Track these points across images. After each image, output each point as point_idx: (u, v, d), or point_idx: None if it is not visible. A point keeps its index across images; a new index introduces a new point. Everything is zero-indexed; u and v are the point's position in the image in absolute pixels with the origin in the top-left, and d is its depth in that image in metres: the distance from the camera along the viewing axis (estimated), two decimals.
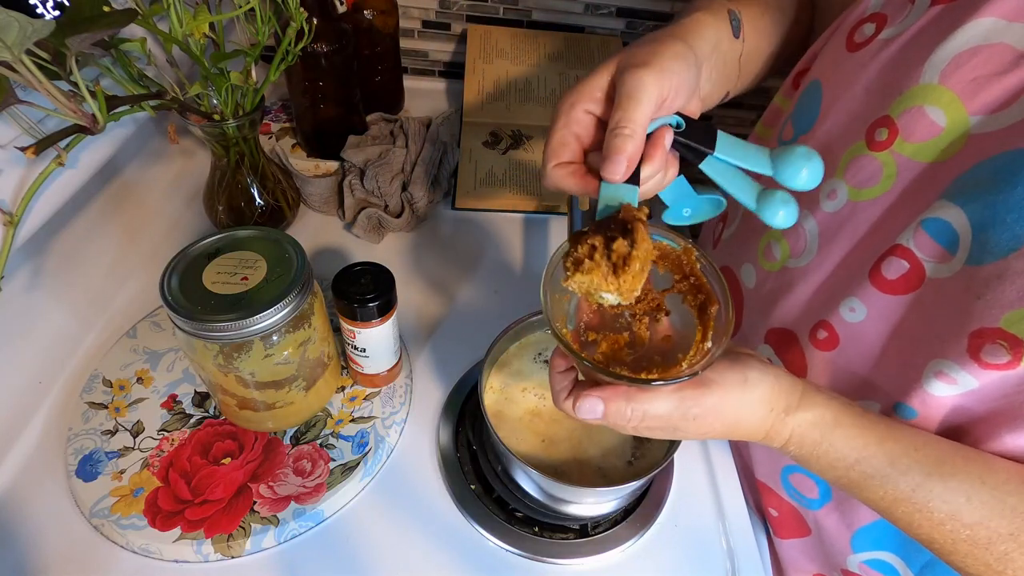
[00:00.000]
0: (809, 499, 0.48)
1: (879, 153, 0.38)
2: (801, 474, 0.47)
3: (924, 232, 0.35)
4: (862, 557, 0.46)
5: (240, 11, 0.50)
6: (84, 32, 0.37)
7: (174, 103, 0.50)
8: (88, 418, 0.48)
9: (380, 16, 0.76)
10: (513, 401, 0.47)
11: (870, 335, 0.39)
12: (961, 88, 0.34)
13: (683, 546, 0.46)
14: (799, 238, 0.44)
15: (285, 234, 0.44)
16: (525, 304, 0.62)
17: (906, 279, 0.36)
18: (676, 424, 0.33)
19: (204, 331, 0.38)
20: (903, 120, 0.36)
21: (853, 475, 0.34)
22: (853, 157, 0.40)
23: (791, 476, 0.49)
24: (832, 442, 0.34)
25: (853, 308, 0.40)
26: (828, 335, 0.42)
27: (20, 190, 0.45)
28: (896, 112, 0.37)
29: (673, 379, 0.31)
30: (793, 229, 0.45)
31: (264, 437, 0.48)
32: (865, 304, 0.39)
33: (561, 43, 0.91)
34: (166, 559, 0.42)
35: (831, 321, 0.41)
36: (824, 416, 0.34)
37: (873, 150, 0.38)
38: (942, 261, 0.35)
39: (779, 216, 0.31)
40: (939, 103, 0.35)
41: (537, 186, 0.75)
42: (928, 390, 0.36)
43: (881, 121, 0.38)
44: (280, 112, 0.84)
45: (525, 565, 0.44)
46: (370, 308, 0.44)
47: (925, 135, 0.36)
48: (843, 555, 0.47)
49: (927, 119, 0.35)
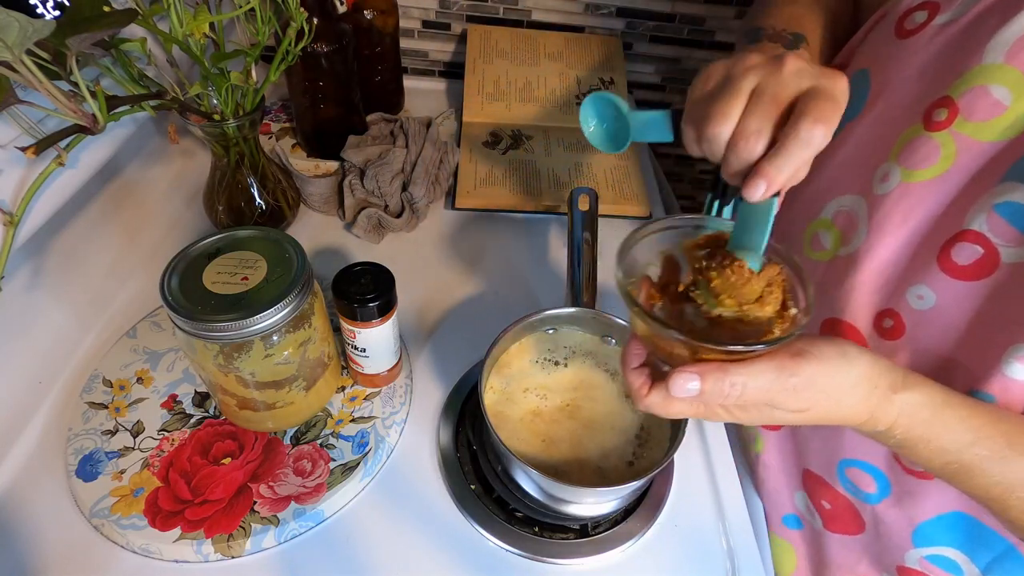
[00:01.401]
0: (867, 493, 0.46)
1: (937, 133, 0.38)
2: (858, 468, 0.46)
3: (997, 215, 0.34)
4: (924, 552, 0.45)
5: (240, 11, 0.50)
6: (84, 32, 0.37)
7: (174, 103, 0.50)
8: (88, 418, 0.48)
9: (380, 16, 0.76)
10: (514, 401, 0.47)
11: (941, 322, 0.38)
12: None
13: (683, 546, 0.46)
14: (851, 223, 0.43)
15: (285, 234, 0.44)
16: (525, 304, 0.63)
17: (979, 264, 0.36)
18: (775, 398, 0.31)
19: (204, 331, 0.38)
20: (964, 100, 0.36)
21: (967, 458, 0.33)
22: (908, 140, 0.39)
23: (848, 470, 0.47)
24: (945, 422, 0.33)
25: (921, 295, 0.39)
26: (894, 323, 0.41)
27: (20, 190, 0.45)
28: (957, 92, 0.37)
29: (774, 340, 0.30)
30: (844, 214, 0.44)
31: (264, 437, 0.48)
32: (934, 291, 0.38)
33: (561, 43, 0.91)
34: (166, 559, 0.42)
35: (897, 309, 0.40)
36: (933, 395, 0.33)
37: (930, 130, 0.38)
38: (1019, 245, 0.34)
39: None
40: (1004, 82, 0.34)
41: (537, 186, 0.75)
42: (1008, 375, 0.35)
43: (940, 102, 0.37)
44: (280, 112, 0.84)
45: (525, 565, 0.44)
46: (370, 308, 0.44)
47: (988, 114, 0.35)
48: (902, 550, 0.46)
49: (991, 98, 0.35)
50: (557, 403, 0.47)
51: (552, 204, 0.74)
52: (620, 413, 0.47)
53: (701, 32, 0.94)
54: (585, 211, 0.58)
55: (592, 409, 0.47)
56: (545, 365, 0.49)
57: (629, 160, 0.81)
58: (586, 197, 0.58)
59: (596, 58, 0.91)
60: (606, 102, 0.40)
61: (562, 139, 0.83)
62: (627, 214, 0.74)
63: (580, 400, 0.47)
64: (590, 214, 0.57)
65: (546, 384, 0.48)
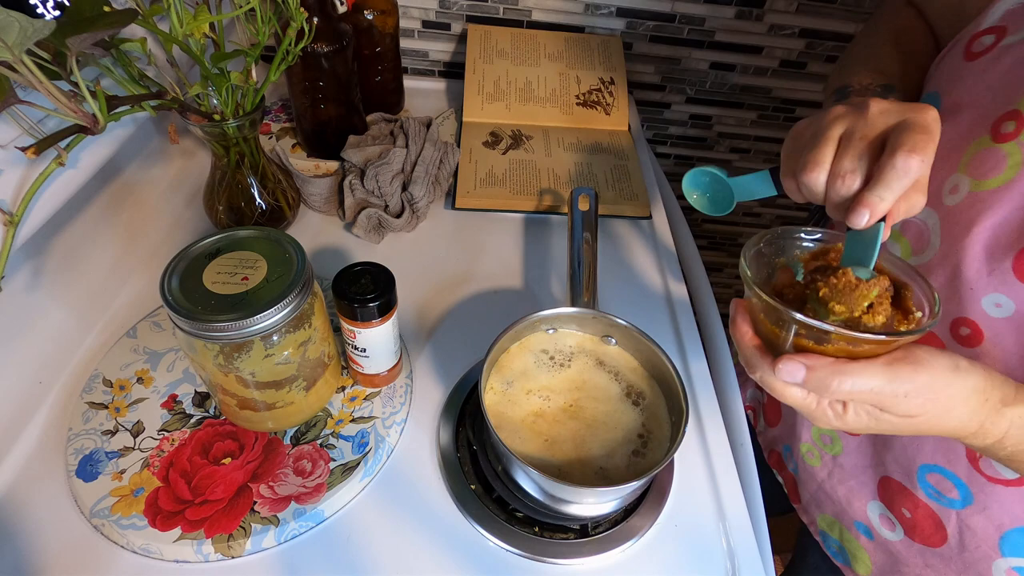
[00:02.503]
0: (950, 499, 0.46)
1: (1004, 144, 0.39)
2: (939, 474, 0.46)
3: None
4: (1013, 563, 0.44)
5: (240, 11, 0.50)
6: (84, 32, 0.37)
7: (174, 103, 0.50)
8: (88, 418, 0.48)
9: (380, 16, 0.76)
10: (515, 402, 0.47)
11: (1019, 331, 0.39)
12: None
13: (683, 546, 0.46)
14: (921, 234, 0.44)
15: (285, 234, 0.44)
16: (525, 304, 0.63)
17: None
18: (884, 402, 0.32)
19: (204, 331, 0.38)
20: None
21: None
22: (976, 152, 0.41)
23: (928, 475, 0.47)
24: None
25: (999, 304, 0.39)
26: (971, 332, 0.41)
27: (20, 190, 0.45)
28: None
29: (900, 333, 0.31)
30: (912, 225, 0.45)
31: (264, 437, 0.48)
32: (1012, 299, 0.39)
33: (561, 43, 0.91)
34: (166, 559, 0.42)
35: (973, 318, 0.41)
36: None
37: (998, 142, 0.39)
38: None
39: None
40: None
41: (537, 186, 0.75)
42: None
43: (1008, 115, 0.39)
44: (280, 112, 0.84)
45: (525, 565, 0.44)
46: (370, 308, 0.44)
47: None
48: (989, 560, 0.46)
49: None
50: (560, 404, 0.47)
51: (552, 204, 0.74)
52: (621, 413, 0.47)
53: (701, 32, 0.94)
54: (585, 211, 0.58)
55: (595, 409, 0.47)
56: (546, 365, 0.49)
57: (629, 160, 0.81)
58: (586, 197, 0.58)
59: (596, 58, 0.91)
60: (708, 175, 0.43)
61: (562, 139, 0.83)
62: (627, 214, 0.74)
63: (583, 400, 0.47)
64: (590, 214, 0.57)
65: (549, 385, 0.48)
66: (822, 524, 0.61)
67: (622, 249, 0.71)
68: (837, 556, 0.61)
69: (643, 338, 0.48)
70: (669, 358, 0.46)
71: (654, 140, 1.11)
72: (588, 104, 0.88)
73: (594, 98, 0.88)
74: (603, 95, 0.88)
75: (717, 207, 0.45)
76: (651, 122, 1.08)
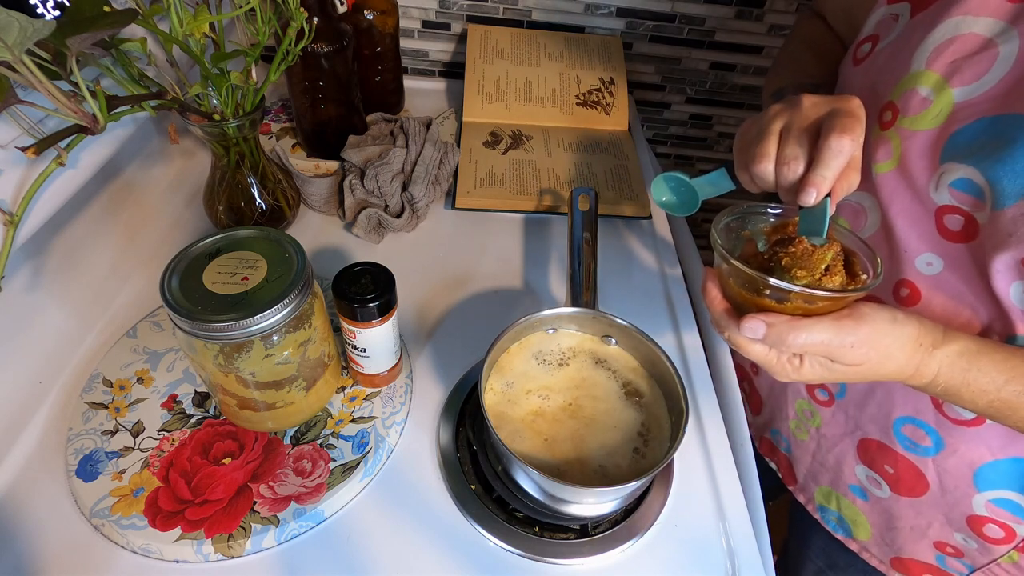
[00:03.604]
0: (924, 447, 0.51)
1: (886, 131, 0.46)
2: (912, 424, 0.51)
3: (955, 190, 0.41)
4: (988, 496, 0.49)
5: (240, 11, 0.50)
6: (84, 32, 0.37)
7: (174, 103, 0.50)
8: (88, 418, 0.48)
9: (380, 16, 0.76)
10: (515, 402, 0.47)
11: (950, 282, 0.44)
12: (943, 69, 0.42)
13: (683, 546, 0.46)
14: (858, 215, 0.50)
15: (285, 234, 0.44)
16: (525, 304, 0.63)
17: (966, 230, 0.42)
18: (833, 353, 0.36)
19: (204, 331, 0.38)
20: (901, 101, 0.45)
21: (1005, 395, 0.38)
22: (874, 139, 0.47)
23: (903, 427, 0.52)
24: (980, 367, 0.38)
25: (930, 262, 0.45)
26: (910, 291, 0.46)
27: (20, 190, 0.45)
28: (896, 96, 0.45)
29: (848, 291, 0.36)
30: (848, 207, 0.51)
31: (264, 437, 0.48)
32: (940, 256, 0.44)
33: (561, 43, 0.91)
34: (166, 559, 0.42)
35: (910, 279, 0.46)
36: (968, 346, 0.38)
37: (883, 129, 0.46)
38: (983, 209, 0.40)
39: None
40: (927, 83, 0.43)
41: (537, 186, 0.75)
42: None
43: (886, 106, 0.46)
44: (280, 112, 0.84)
45: (525, 565, 0.44)
46: (370, 308, 0.44)
47: (918, 108, 0.44)
48: (968, 497, 0.50)
49: (919, 96, 0.43)
50: (559, 403, 0.47)
51: (552, 204, 0.74)
52: (621, 413, 0.47)
53: (701, 32, 0.94)
54: (585, 211, 0.58)
55: (594, 408, 0.47)
56: (546, 365, 0.49)
57: (629, 160, 0.81)
58: (586, 197, 0.58)
59: (596, 58, 0.91)
60: (672, 179, 0.49)
61: (562, 139, 0.83)
62: (627, 214, 0.74)
63: (582, 399, 0.47)
64: (590, 214, 0.57)
65: (548, 384, 0.48)
66: (819, 498, 0.64)
67: (622, 249, 0.71)
68: (838, 529, 0.64)
69: (643, 338, 0.48)
70: (669, 358, 0.46)
71: (654, 140, 1.11)
72: (588, 104, 0.88)
73: (594, 98, 0.88)
74: (603, 95, 0.88)
75: (684, 208, 0.50)
76: (651, 122, 1.08)
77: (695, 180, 0.48)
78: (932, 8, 0.44)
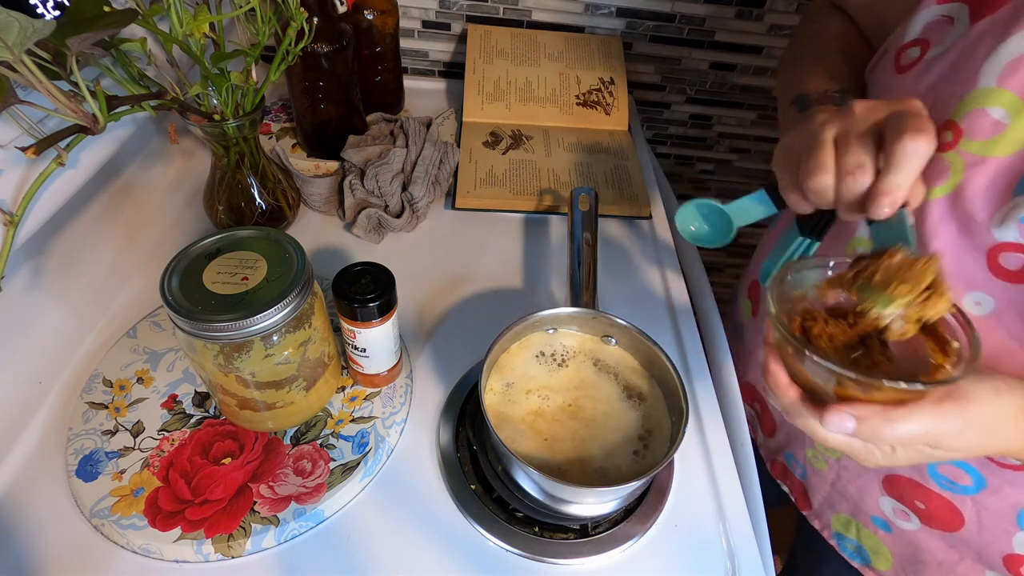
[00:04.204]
0: (963, 486, 0.47)
1: (945, 153, 0.40)
2: (951, 465, 0.47)
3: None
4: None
5: (240, 11, 0.50)
6: (84, 32, 0.37)
7: (174, 103, 0.50)
8: (88, 418, 0.48)
9: (380, 16, 0.76)
10: (515, 402, 0.47)
11: (1001, 325, 0.40)
12: (1020, 89, 0.36)
13: (683, 546, 0.46)
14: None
15: (285, 234, 0.44)
16: (525, 304, 0.63)
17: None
18: (937, 440, 0.32)
19: (204, 331, 0.38)
20: (966, 121, 0.39)
21: None
22: None
23: (940, 467, 0.48)
24: None
25: (979, 302, 0.40)
26: None
27: (20, 190, 0.45)
28: (959, 115, 0.39)
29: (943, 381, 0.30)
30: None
31: (264, 437, 0.48)
32: (992, 296, 0.40)
33: (561, 43, 0.91)
34: (166, 559, 0.42)
35: None
36: None
37: (940, 151, 0.40)
38: None
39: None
40: (1000, 103, 0.37)
41: (537, 186, 0.75)
42: None
43: (945, 125, 0.40)
44: (280, 112, 0.84)
45: (525, 565, 0.44)
46: (370, 308, 0.44)
47: (990, 132, 0.38)
48: (1009, 535, 0.47)
49: (990, 118, 0.37)
50: (559, 403, 0.47)
51: (552, 204, 0.74)
52: (622, 413, 0.47)
53: (701, 32, 0.94)
54: (585, 211, 0.58)
55: (594, 408, 0.47)
56: (546, 365, 0.49)
57: (629, 160, 0.81)
58: (586, 197, 0.58)
59: (596, 58, 0.91)
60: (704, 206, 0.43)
61: (562, 139, 0.83)
62: (627, 214, 0.74)
63: (582, 400, 0.47)
64: (590, 214, 0.57)
65: (548, 384, 0.48)
66: (836, 526, 0.60)
67: (622, 249, 0.71)
68: (855, 557, 0.60)
69: (643, 338, 0.48)
70: (669, 358, 0.46)
71: (654, 140, 1.11)
72: (588, 104, 0.88)
73: (594, 98, 0.88)
74: (603, 95, 0.88)
75: (717, 238, 0.44)
76: (651, 122, 1.08)
77: (729, 205, 0.42)
78: (999, 15, 0.38)
